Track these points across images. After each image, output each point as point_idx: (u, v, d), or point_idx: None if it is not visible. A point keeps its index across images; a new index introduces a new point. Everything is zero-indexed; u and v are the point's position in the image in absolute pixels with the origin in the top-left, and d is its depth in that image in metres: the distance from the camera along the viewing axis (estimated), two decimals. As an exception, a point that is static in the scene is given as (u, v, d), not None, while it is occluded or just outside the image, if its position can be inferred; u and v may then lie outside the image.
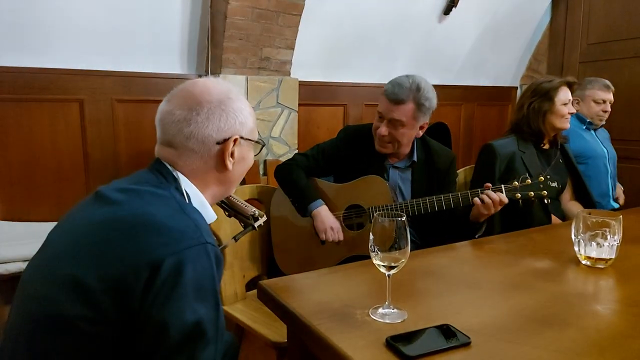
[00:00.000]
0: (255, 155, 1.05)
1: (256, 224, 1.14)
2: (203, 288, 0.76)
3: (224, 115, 0.93)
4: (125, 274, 0.73)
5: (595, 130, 2.62)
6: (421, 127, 1.73)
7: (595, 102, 2.56)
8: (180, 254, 0.75)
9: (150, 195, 0.84)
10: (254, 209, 1.15)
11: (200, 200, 0.94)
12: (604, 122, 2.61)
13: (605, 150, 2.59)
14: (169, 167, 0.92)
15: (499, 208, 1.59)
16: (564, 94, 1.97)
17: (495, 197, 1.57)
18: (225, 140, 0.93)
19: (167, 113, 0.93)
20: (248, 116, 0.98)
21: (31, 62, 2.31)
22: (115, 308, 0.74)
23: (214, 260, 0.79)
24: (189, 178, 0.93)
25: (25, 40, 2.28)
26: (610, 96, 2.57)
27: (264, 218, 1.15)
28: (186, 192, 0.91)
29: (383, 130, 1.69)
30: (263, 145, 1.05)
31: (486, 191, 1.59)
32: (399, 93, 1.65)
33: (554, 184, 1.60)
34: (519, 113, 2.02)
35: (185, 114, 0.91)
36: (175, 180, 0.91)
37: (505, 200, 1.58)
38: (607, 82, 2.58)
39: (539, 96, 1.98)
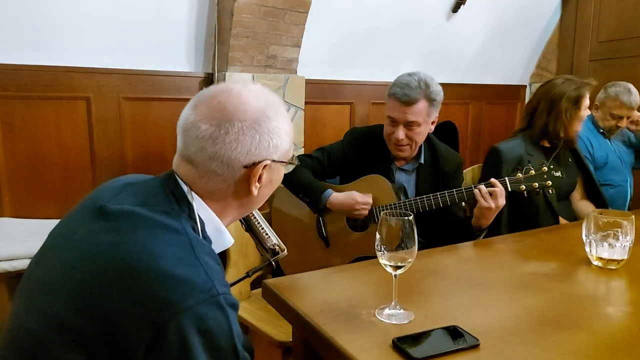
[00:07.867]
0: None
1: (274, 259, 1.04)
2: (219, 347, 0.68)
3: (257, 137, 0.80)
4: (127, 327, 0.66)
5: (609, 139, 2.46)
6: (432, 122, 1.70)
7: (612, 116, 2.36)
8: (188, 311, 0.66)
9: (159, 228, 0.73)
10: (275, 240, 1.05)
11: (216, 225, 0.83)
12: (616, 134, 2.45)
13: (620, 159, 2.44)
14: (184, 188, 0.81)
15: (499, 200, 1.50)
16: (587, 99, 1.89)
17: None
18: (254, 165, 0.81)
19: (191, 124, 0.80)
20: (284, 137, 0.84)
21: (38, 60, 2.31)
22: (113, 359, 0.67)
23: (230, 311, 0.70)
24: (205, 200, 0.82)
25: (31, 37, 2.28)
26: (630, 113, 2.33)
27: (284, 253, 1.04)
28: (199, 217, 0.80)
29: (400, 134, 1.64)
30: (297, 165, 0.92)
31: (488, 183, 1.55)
32: (410, 94, 1.59)
33: (558, 173, 1.55)
34: (540, 118, 1.90)
35: (212, 131, 0.78)
36: (189, 206, 0.79)
37: (503, 189, 1.51)
38: (634, 96, 2.32)
39: (570, 103, 1.85)
